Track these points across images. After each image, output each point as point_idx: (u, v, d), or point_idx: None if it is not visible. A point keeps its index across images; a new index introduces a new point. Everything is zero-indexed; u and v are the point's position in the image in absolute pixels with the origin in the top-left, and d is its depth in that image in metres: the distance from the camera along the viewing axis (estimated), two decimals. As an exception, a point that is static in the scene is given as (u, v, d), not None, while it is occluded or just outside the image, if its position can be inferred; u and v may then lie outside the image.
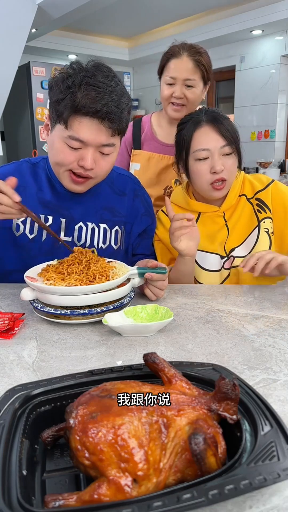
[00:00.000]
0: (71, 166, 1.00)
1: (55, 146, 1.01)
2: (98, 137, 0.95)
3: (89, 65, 0.97)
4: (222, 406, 0.45)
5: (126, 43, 5.52)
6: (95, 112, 0.92)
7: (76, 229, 1.11)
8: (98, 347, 0.75)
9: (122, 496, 0.38)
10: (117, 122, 0.95)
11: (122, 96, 0.96)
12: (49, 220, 1.10)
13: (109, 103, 0.93)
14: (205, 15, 4.49)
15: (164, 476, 0.40)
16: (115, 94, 0.94)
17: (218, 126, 1.10)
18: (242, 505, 0.40)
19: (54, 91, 0.97)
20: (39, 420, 0.49)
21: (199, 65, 1.50)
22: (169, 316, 0.81)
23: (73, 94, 0.92)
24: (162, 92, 1.58)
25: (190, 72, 1.50)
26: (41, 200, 1.11)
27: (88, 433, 0.40)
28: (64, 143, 0.98)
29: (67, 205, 1.11)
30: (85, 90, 0.92)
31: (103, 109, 0.92)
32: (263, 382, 0.62)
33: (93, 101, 0.92)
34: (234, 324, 0.84)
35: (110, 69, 0.99)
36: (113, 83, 0.95)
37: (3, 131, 4.97)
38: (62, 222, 1.11)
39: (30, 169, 1.14)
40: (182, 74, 1.50)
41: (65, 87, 0.94)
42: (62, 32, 4.81)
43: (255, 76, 4.67)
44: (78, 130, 0.95)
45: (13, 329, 0.81)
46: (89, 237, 1.12)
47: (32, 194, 1.11)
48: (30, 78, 4.10)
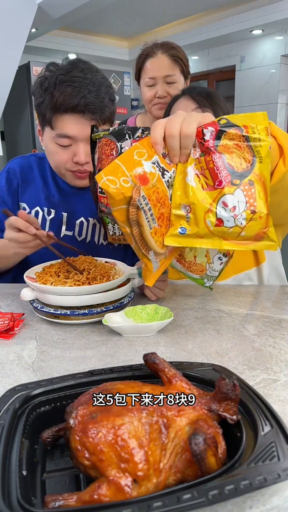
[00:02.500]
0: (67, 165, 1.02)
1: (48, 149, 1.03)
2: (85, 130, 0.96)
3: (65, 64, 0.99)
4: (222, 407, 0.45)
5: (126, 43, 5.51)
6: (73, 107, 0.93)
7: (77, 224, 1.12)
8: (98, 347, 0.75)
9: (122, 497, 0.38)
10: (99, 112, 0.96)
11: (100, 85, 0.97)
12: (52, 214, 1.12)
13: (86, 95, 0.93)
14: (205, 15, 4.49)
15: (164, 477, 0.40)
16: (92, 85, 0.95)
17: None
18: (242, 505, 0.40)
19: (36, 96, 1.00)
20: (39, 420, 0.49)
21: (176, 59, 1.47)
22: (169, 316, 0.81)
23: (51, 94, 0.94)
24: (144, 95, 1.55)
25: (169, 68, 1.47)
26: (45, 193, 1.13)
27: (88, 433, 0.40)
28: (55, 143, 1.00)
29: (69, 199, 1.13)
30: (60, 88, 0.93)
31: (80, 102, 0.93)
32: (263, 382, 0.62)
33: (70, 97, 0.93)
34: (234, 324, 0.84)
35: (87, 63, 1.00)
36: (89, 75, 0.96)
37: (3, 131, 4.97)
38: (63, 216, 1.12)
39: (38, 163, 1.16)
40: (161, 72, 1.48)
41: (43, 89, 0.96)
42: (62, 32, 4.81)
43: (255, 76, 4.67)
44: (63, 127, 0.96)
45: (13, 329, 0.81)
46: (89, 232, 1.13)
47: (38, 188, 1.13)
48: (30, 78, 4.11)
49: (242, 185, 0.67)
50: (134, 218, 0.64)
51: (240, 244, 0.70)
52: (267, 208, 0.68)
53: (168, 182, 0.68)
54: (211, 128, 0.66)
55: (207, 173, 0.67)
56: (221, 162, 0.66)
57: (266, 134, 0.66)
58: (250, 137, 0.66)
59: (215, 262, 0.87)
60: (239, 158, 0.67)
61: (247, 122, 0.66)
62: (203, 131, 0.66)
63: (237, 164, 0.67)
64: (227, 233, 0.68)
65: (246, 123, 0.66)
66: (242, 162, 0.67)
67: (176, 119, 0.66)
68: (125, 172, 0.62)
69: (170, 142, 0.66)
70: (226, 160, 0.66)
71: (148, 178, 0.63)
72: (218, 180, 0.66)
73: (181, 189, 0.68)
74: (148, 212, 0.64)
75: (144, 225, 0.65)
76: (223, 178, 0.66)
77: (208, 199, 0.67)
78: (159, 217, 0.67)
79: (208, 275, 0.89)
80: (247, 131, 0.66)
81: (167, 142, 0.66)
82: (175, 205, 0.69)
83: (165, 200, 0.67)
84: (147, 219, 0.65)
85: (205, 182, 0.67)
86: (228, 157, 0.66)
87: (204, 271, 0.88)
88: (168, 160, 0.68)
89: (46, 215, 1.12)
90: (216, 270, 0.88)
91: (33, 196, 1.13)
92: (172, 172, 0.68)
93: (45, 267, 0.92)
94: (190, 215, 0.68)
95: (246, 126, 0.66)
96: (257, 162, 0.67)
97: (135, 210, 0.63)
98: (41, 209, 1.12)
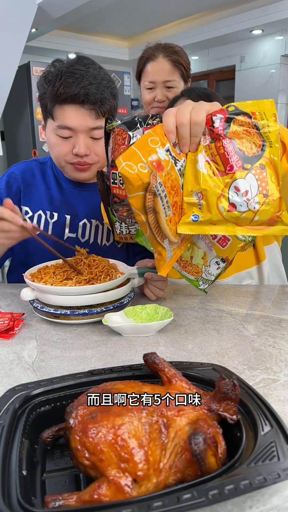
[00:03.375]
0: (68, 157, 1.03)
1: (50, 141, 1.04)
2: (84, 122, 0.97)
3: (70, 59, 1.00)
4: (222, 406, 0.45)
5: (126, 43, 5.51)
6: (73, 96, 0.94)
7: (80, 226, 1.12)
8: (98, 347, 0.75)
9: (122, 496, 0.38)
10: (98, 103, 0.96)
11: (102, 79, 0.98)
12: (54, 217, 1.12)
13: (87, 86, 0.94)
14: (205, 15, 4.48)
15: (164, 476, 0.40)
16: (94, 78, 0.96)
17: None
18: (242, 505, 0.40)
19: (39, 88, 1.01)
20: (39, 420, 0.49)
21: (177, 64, 1.47)
22: (169, 316, 0.81)
23: (52, 85, 0.96)
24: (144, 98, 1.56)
25: (169, 73, 1.47)
26: (48, 197, 1.13)
27: (88, 433, 0.40)
28: (56, 135, 1.01)
29: (72, 202, 1.13)
30: (62, 79, 0.95)
31: (80, 91, 0.94)
32: (263, 382, 0.62)
33: (70, 87, 0.94)
34: (234, 324, 0.84)
35: (91, 60, 1.01)
36: (92, 69, 0.97)
37: (3, 131, 4.97)
38: (67, 218, 1.12)
39: (39, 168, 1.17)
40: (160, 77, 1.48)
41: (47, 82, 0.98)
42: (62, 32, 4.81)
43: (255, 76, 4.67)
44: (63, 118, 0.97)
45: (13, 329, 0.81)
46: (92, 234, 1.13)
47: (40, 192, 1.14)
48: (30, 78, 4.10)
49: (254, 169, 0.67)
50: (151, 205, 0.64)
51: (254, 229, 0.70)
52: (279, 192, 0.68)
53: (180, 171, 0.68)
54: (220, 115, 0.67)
55: (218, 159, 0.67)
56: (232, 147, 0.66)
57: (274, 120, 0.67)
58: (258, 123, 0.67)
59: (211, 265, 0.85)
60: (249, 143, 0.67)
61: (255, 109, 0.67)
62: (212, 118, 0.67)
63: (248, 149, 0.67)
64: (240, 219, 0.68)
65: (254, 110, 0.67)
66: (253, 147, 0.67)
67: (186, 108, 0.67)
68: (141, 159, 0.62)
69: (181, 130, 0.67)
70: (236, 145, 0.66)
71: (163, 165, 0.64)
72: (229, 165, 0.66)
73: (192, 176, 0.68)
74: (164, 199, 0.64)
75: (160, 212, 0.65)
76: (234, 163, 0.66)
77: (220, 185, 0.67)
78: (173, 205, 0.67)
79: (204, 278, 0.88)
80: (255, 118, 0.66)
81: (178, 130, 0.67)
82: (187, 193, 0.68)
83: (178, 188, 0.67)
84: (163, 206, 0.65)
85: (216, 168, 0.67)
86: (239, 142, 0.67)
87: (199, 273, 0.87)
88: (178, 150, 0.68)
89: (49, 219, 1.12)
90: (212, 274, 0.87)
91: (36, 200, 1.13)
92: (183, 161, 0.68)
93: (40, 268, 0.92)
94: (203, 202, 0.68)
95: (254, 112, 0.67)
96: (267, 146, 0.67)
97: (152, 197, 0.63)
98: (43, 212, 1.12)
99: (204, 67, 5.23)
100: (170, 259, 0.72)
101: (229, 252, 0.81)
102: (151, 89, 1.51)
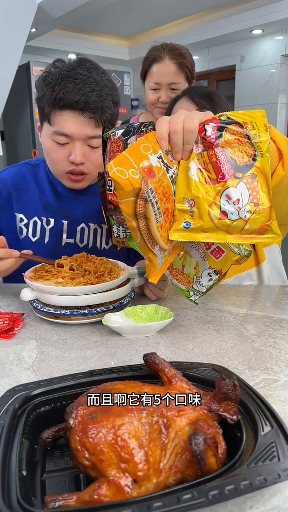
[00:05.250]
0: (63, 164, 0.99)
1: (45, 146, 1.01)
2: (83, 130, 0.94)
3: (72, 61, 0.97)
4: (222, 407, 0.45)
5: (126, 43, 5.52)
6: (73, 103, 0.91)
7: (78, 230, 1.10)
8: (98, 347, 0.75)
9: (122, 497, 0.38)
10: (99, 112, 0.94)
11: (104, 86, 0.95)
12: (51, 223, 1.09)
13: (88, 93, 0.91)
14: (205, 15, 4.49)
15: (164, 477, 0.40)
16: (96, 84, 0.93)
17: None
18: (242, 506, 0.40)
19: (38, 90, 0.97)
20: (39, 421, 0.49)
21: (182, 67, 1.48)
22: (169, 316, 0.81)
23: (52, 89, 0.92)
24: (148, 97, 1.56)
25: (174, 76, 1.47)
26: (43, 202, 1.10)
27: (88, 434, 0.40)
28: (52, 140, 0.97)
29: (69, 206, 1.10)
30: (62, 83, 0.92)
31: (81, 99, 0.91)
32: (263, 382, 0.62)
33: (71, 93, 0.91)
34: (234, 324, 0.84)
35: (94, 63, 0.98)
36: (95, 75, 0.94)
37: (3, 131, 4.97)
38: (64, 224, 1.10)
39: (31, 171, 1.13)
40: (166, 79, 1.48)
41: (46, 84, 0.94)
42: (62, 32, 4.81)
43: (255, 75, 4.67)
44: (61, 124, 0.94)
45: (13, 329, 0.81)
46: (91, 238, 1.11)
47: (34, 197, 1.10)
48: (30, 78, 4.10)
49: (245, 178, 0.67)
50: (142, 210, 0.64)
51: (244, 237, 0.70)
52: (269, 201, 0.69)
53: (172, 178, 0.68)
54: (212, 124, 0.67)
55: (210, 167, 0.67)
56: (224, 156, 0.67)
57: (265, 130, 0.68)
58: (250, 133, 0.67)
59: (203, 276, 0.83)
60: (240, 152, 0.67)
61: (246, 118, 0.68)
62: (205, 127, 0.67)
63: (239, 158, 0.67)
64: (231, 227, 0.68)
65: (246, 120, 0.68)
66: (244, 156, 0.67)
67: (179, 117, 0.68)
68: (133, 164, 0.62)
69: (174, 138, 0.67)
70: (228, 154, 0.67)
71: (155, 171, 0.64)
72: (221, 174, 0.67)
73: (184, 183, 0.68)
74: (155, 205, 0.64)
75: (151, 218, 0.65)
76: (226, 172, 0.66)
77: (211, 193, 0.67)
78: (164, 212, 0.67)
79: (195, 289, 0.85)
80: (247, 127, 0.67)
81: (171, 138, 0.67)
82: (179, 199, 0.69)
83: (170, 195, 0.68)
84: (154, 212, 0.65)
85: (208, 176, 0.68)
86: (231, 151, 0.67)
87: (191, 283, 0.85)
88: (170, 157, 0.68)
89: (45, 225, 1.09)
90: (203, 286, 0.84)
91: (30, 206, 1.10)
92: (175, 168, 0.69)
93: (37, 267, 0.92)
94: (194, 209, 0.68)
95: (245, 122, 0.67)
96: (259, 156, 0.68)
97: (143, 203, 0.63)
98: (39, 219, 1.09)
99: (204, 67, 5.23)
100: (161, 266, 0.73)
101: (222, 264, 0.80)
102: (156, 89, 1.51)
